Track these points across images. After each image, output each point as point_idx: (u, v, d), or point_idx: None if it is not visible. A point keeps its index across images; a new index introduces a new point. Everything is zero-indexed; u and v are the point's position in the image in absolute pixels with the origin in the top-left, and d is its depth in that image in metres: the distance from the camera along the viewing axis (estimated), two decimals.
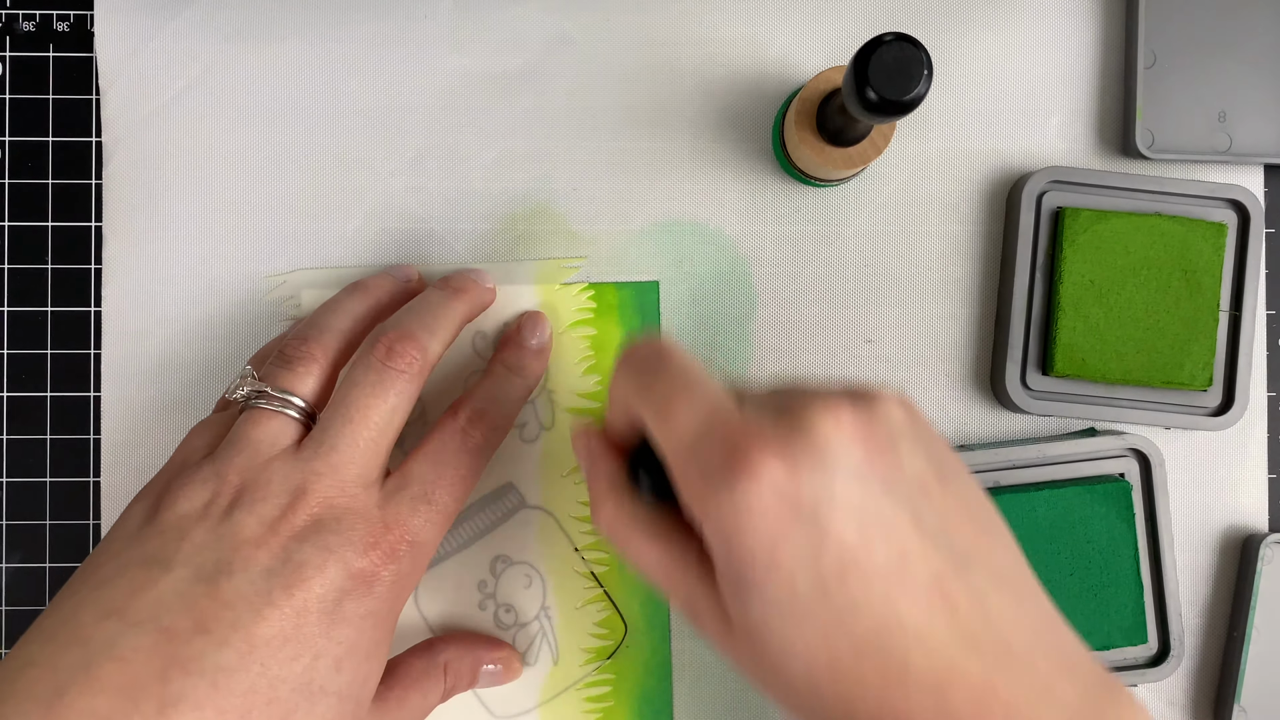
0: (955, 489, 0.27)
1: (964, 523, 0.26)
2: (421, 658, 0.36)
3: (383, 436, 0.31)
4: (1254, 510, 0.40)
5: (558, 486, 0.39)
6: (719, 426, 0.26)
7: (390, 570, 0.30)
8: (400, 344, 0.32)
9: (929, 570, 0.25)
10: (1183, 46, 0.40)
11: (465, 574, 0.39)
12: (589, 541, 0.39)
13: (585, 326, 0.40)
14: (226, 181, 0.40)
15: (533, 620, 0.39)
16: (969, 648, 0.25)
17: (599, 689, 0.39)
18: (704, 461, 0.26)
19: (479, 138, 0.40)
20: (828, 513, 0.24)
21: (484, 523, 0.39)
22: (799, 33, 0.40)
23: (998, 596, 0.25)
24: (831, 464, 0.25)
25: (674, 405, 0.27)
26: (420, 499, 0.32)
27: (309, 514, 0.30)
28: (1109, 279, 0.38)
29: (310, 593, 0.29)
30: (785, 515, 0.24)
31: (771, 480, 0.25)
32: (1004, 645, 0.25)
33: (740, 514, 0.25)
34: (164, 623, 0.27)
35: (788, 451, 0.25)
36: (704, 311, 0.40)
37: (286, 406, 0.32)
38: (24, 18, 0.40)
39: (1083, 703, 0.25)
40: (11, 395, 0.40)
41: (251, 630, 0.28)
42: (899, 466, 0.26)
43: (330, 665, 0.29)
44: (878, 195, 0.40)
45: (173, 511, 0.30)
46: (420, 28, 0.40)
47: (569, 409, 0.39)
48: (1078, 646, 0.26)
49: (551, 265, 0.40)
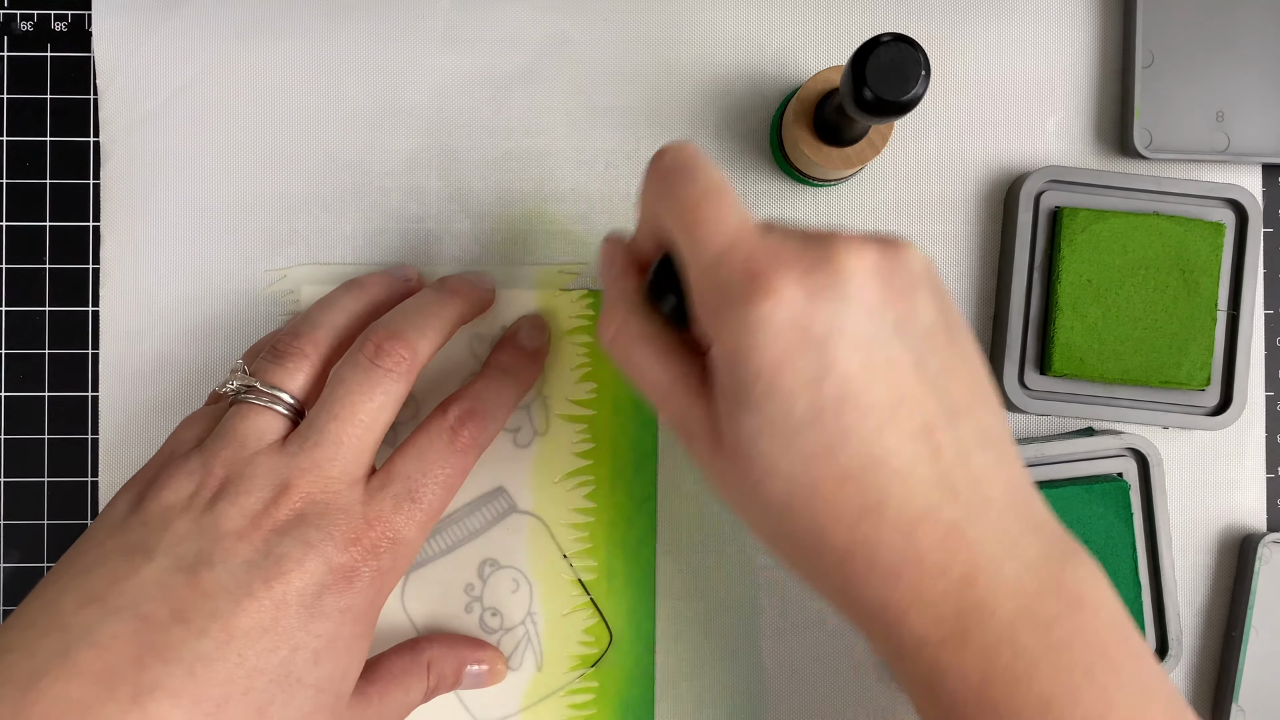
0: (959, 345, 0.27)
1: (962, 378, 0.27)
2: (405, 655, 0.36)
3: (368, 434, 0.31)
4: (1252, 510, 0.40)
5: (549, 493, 0.39)
6: (743, 244, 0.26)
7: (370, 566, 0.30)
8: (389, 343, 0.32)
9: (922, 415, 0.26)
10: (1181, 46, 0.40)
11: (452, 576, 0.39)
12: (578, 549, 0.39)
13: (583, 334, 0.40)
14: (224, 181, 0.40)
15: (518, 625, 0.39)
16: (946, 493, 0.25)
17: (582, 696, 0.39)
18: (724, 277, 0.26)
19: (476, 137, 0.40)
20: (836, 343, 0.25)
21: (473, 526, 0.39)
22: (796, 32, 0.40)
23: (980, 452, 0.26)
24: (849, 297, 0.25)
25: (700, 218, 0.27)
26: (404, 496, 0.32)
27: (291, 508, 0.30)
28: (1107, 279, 0.38)
29: (290, 586, 0.29)
30: (795, 340, 0.25)
31: (788, 304, 0.25)
32: (979, 496, 0.26)
33: (751, 333, 0.25)
34: (143, 610, 0.27)
35: (808, 279, 0.25)
36: None
37: (275, 402, 0.32)
38: (21, 17, 0.40)
39: (1044, 560, 0.26)
40: (9, 395, 0.40)
41: (230, 621, 0.28)
42: (913, 311, 0.26)
43: (308, 658, 0.29)
44: (876, 195, 0.40)
45: (157, 501, 0.30)
46: (418, 27, 0.40)
47: (563, 415, 0.39)
48: (1045, 512, 0.27)
49: (551, 271, 0.40)
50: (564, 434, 0.39)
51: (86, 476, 0.40)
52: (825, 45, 0.40)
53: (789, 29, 0.40)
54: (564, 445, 0.39)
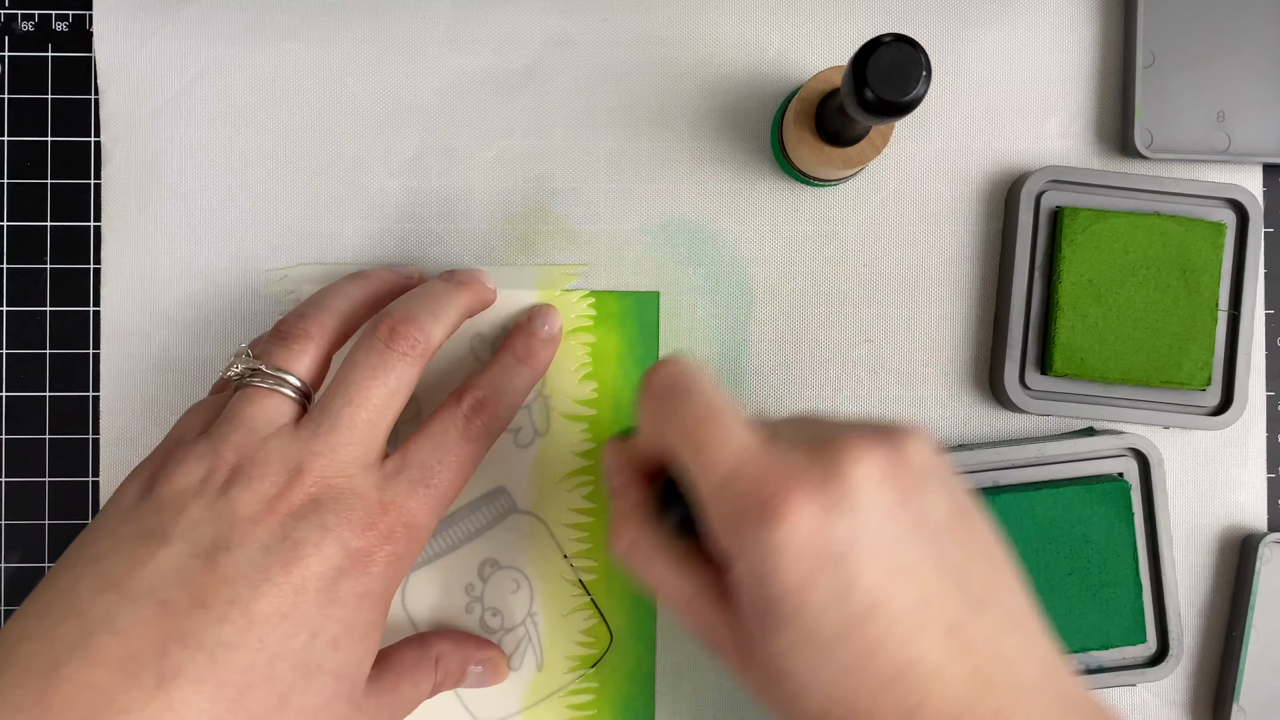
0: (974, 529, 0.28)
1: (981, 564, 0.27)
2: (414, 649, 0.36)
3: (381, 418, 0.31)
4: (1253, 510, 0.40)
5: (550, 493, 0.39)
6: (750, 465, 0.26)
7: (386, 551, 0.30)
8: (402, 326, 0.32)
9: (948, 613, 0.26)
10: (1181, 46, 0.40)
11: (453, 576, 0.39)
12: (578, 549, 0.39)
13: (585, 334, 0.40)
14: (225, 181, 0.40)
15: (519, 625, 0.39)
16: (982, 686, 0.25)
17: (582, 696, 0.39)
18: (737, 500, 0.26)
19: (477, 137, 0.40)
20: (856, 556, 0.25)
21: (474, 525, 0.39)
22: (797, 33, 0.40)
23: (1009, 636, 0.26)
24: (862, 507, 0.26)
25: (703, 439, 0.27)
26: (419, 482, 0.32)
27: (306, 493, 0.30)
28: (1108, 278, 0.38)
29: (308, 570, 0.29)
30: (816, 558, 0.25)
31: (805, 524, 0.25)
32: (1014, 684, 0.26)
33: (772, 556, 0.25)
34: (162, 596, 0.27)
35: (820, 495, 0.25)
36: (703, 311, 0.40)
37: (281, 385, 0.32)
38: (23, 17, 0.40)
39: None
40: (10, 395, 0.40)
41: (250, 606, 0.28)
42: (926, 507, 0.27)
43: (327, 643, 0.29)
44: (876, 195, 0.40)
45: (169, 486, 0.30)
46: (419, 27, 0.40)
47: (565, 415, 0.39)
48: (1078, 685, 0.27)
49: (553, 271, 0.40)
50: (565, 434, 0.39)
51: (87, 476, 0.40)
52: (826, 45, 0.40)
53: (790, 29, 0.40)
54: (565, 445, 0.39)
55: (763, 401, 0.40)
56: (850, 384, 0.40)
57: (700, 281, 0.40)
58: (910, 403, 0.40)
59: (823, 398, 0.40)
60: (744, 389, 0.40)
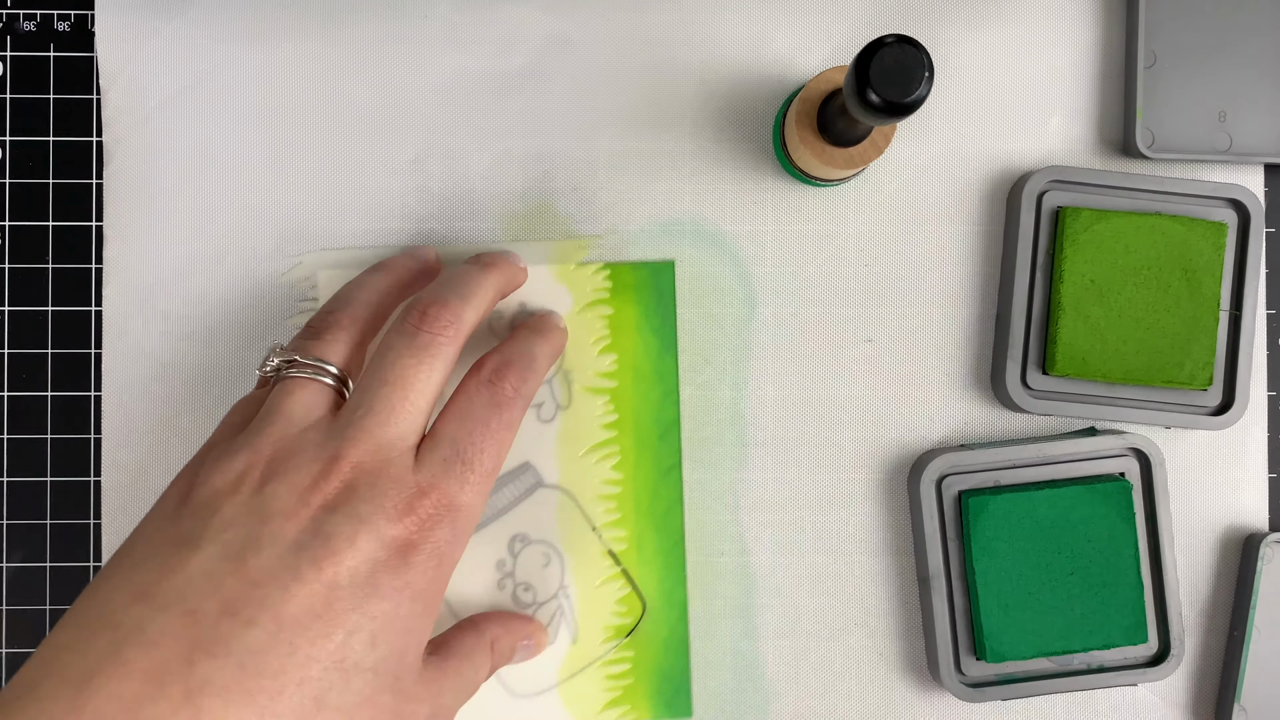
0: None
1: None
2: (470, 634, 0.35)
3: (420, 399, 0.31)
4: (1254, 510, 0.41)
5: (576, 466, 0.39)
6: None
7: (428, 540, 0.29)
8: (435, 309, 0.32)
9: None
10: (1183, 46, 0.40)
11: (483, 553, 0.39)
12: (607, 520, 0.39)
13: (602, 306, 0.40)
14: (226, 181, 0.40)
15: (551, 599, 0.39)
16: None
17: (618, 667, 0.39)
18: None
19: (478, 138, 0.40)
20: None
21: (501, 501, 0.39)
22: (799, 32, 0.40)
23: None
24: None
25: None
26: (454, 459, 0.30)
27: (342, 479, 0.29)
28: (1109, 278, 0.38)
29: (341, 566, 0.28)
30: None
31: None
32: None
33: None
34: (191, 605, 0.27)
35: None
36: (704, 311, 0.40)
37: (319, 374, 0.31)
38: (25, 17, 0.40)
39: None
40: (12, 395, 0.40)
41: (280, 609, 0.27)
42: None
43: (365, 641, 0.28)
44: (878, 195, 0.40)
45: (206, 488, 0.29)
46: (419, 27, 0.40)
47: (586, 388, 0.40)
48: None
49: (568, 245, 0.40)
50: (587, 407, 0.39)
51: (89, 476, 0.40)
52: (828, 46, 0.40)
53: (792, 29, 0.40)
54: (588, 418, 0.40)
55: (763, 401, 0.40)
56: (851, 384, 0.40)
57: (701, 282, 0.40)
58: (911, 403, 0.40)
59: (823, 397, 0.40)
60: (745, 389, 0.40)
